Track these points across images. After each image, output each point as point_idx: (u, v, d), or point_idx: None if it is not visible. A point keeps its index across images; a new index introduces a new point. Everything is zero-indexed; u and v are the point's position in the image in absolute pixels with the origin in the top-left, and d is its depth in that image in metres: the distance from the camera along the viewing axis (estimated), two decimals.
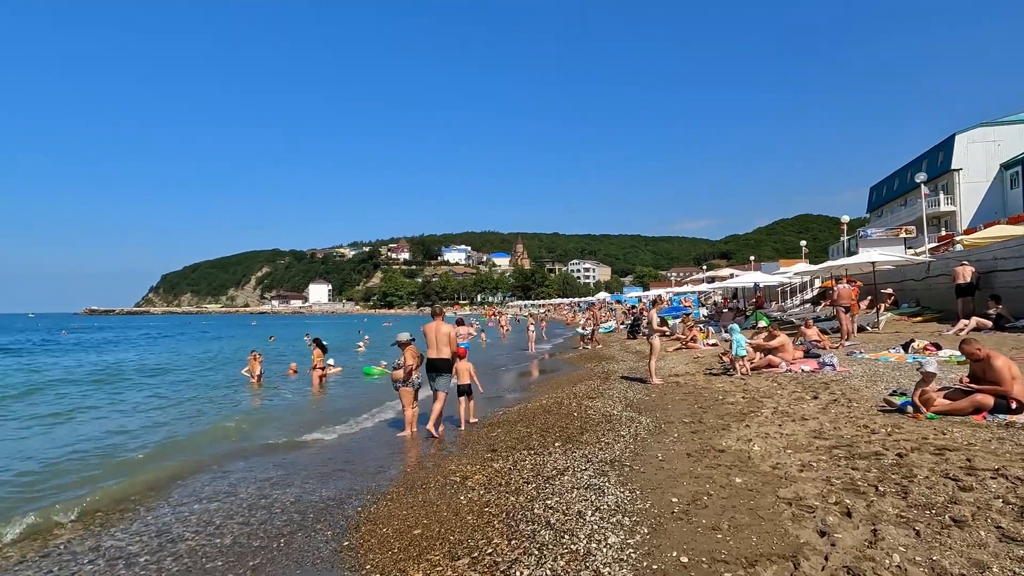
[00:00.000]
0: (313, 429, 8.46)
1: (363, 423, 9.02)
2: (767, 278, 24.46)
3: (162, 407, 11.30)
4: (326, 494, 5.39)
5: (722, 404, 7.60)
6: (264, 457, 7.01)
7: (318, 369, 12.43)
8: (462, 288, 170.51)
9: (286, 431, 8.48)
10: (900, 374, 8.41)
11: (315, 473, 6.18)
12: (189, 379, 15.80)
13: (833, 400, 6.92)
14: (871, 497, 3.68)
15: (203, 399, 11.87)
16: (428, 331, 8.01)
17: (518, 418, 8.13)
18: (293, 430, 8.47)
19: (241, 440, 8.19)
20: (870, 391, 7.34)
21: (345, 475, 6.03)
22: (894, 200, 52.51)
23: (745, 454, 5.11)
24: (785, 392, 7.88)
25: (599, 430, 6.83)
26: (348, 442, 7.76)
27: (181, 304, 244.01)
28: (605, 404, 8.64)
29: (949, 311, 17.06)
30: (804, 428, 5.75)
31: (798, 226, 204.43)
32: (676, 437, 6.06)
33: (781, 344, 11.25)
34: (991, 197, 40.61)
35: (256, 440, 8.08)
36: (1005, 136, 40.56)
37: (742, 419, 6.54)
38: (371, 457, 6.80)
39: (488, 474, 5.35)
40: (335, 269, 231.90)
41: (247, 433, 8.64)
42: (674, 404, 8.05)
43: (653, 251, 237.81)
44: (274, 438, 8.07)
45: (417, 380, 7.92)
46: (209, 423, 9.55)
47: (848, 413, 6.15)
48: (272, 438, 8.08)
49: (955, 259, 17.06)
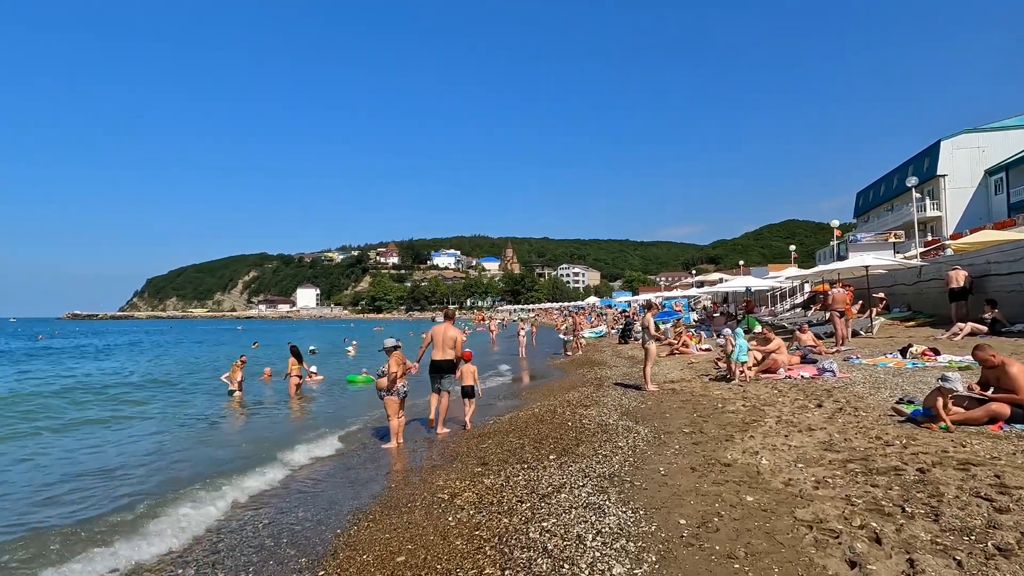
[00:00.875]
0: (291, 442, 8.00)
1: (345, 433, 8.58)
2: (759, 282, 24.34)
3: (127, 428, 9.75)
4: (302, 515, 4.98)
5: (722, 413, 7.28)
6: (237, 474, 6.56)
7: (294, 377, 11.96)
8: (451, 292, 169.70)
9: (263, 444, 8.02)
10: (903, 380, 8.16)
11: (292, 490, 5.77)
12: (162, 392, 14.63)
13: (838, 408, 6.63)
14: (899, 520, 3.36)
15: (175, 419, 10.55)
16: (436, 333, 8.30)
17: (510, 428, 7.76)
18: (270, 444, 8.00)
19: (215, 455, 7.72)
20: (875, 399, 7.07)
21: (324, 492, 5.62)
22: (880, 205, 52.99)
23: (753, 468, 4.78)
24: (787, 400, 7.59)
25: (595, 441, 6.48)
26: (329, 455, 7.34)
27: (166, 308, 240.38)
28: (600, 412, 8.30)
29: (941, 315, 16.98)
30: (812, 439, 5.44)
31: (785, 231, 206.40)
32: (677, 449, 5.72)
33: (778, 347, 11.00)
34: (976, 202, 41.04)
35: (230, 455, 7.62)
36: (989, 142, 41.05)
37: (745, 429, 6.22)
38: (353, 471, 6.39)
39: (479, 491, 4.97)
40: (323, 273, 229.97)
41: (221, 447, 8.17)
42: (672, 412, 7.73)
43: (642, 256, 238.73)
44: (250, 453, 7.62)
45: (403, 389, 7.52)
46: (181, 449, 8.95)
47: (857, 423, 5.86)
48: (247, 453, 7.63)
49: (947, 263, 17.00)
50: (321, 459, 7.06)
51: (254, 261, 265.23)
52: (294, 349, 12.34)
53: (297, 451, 7.30)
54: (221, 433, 9.39)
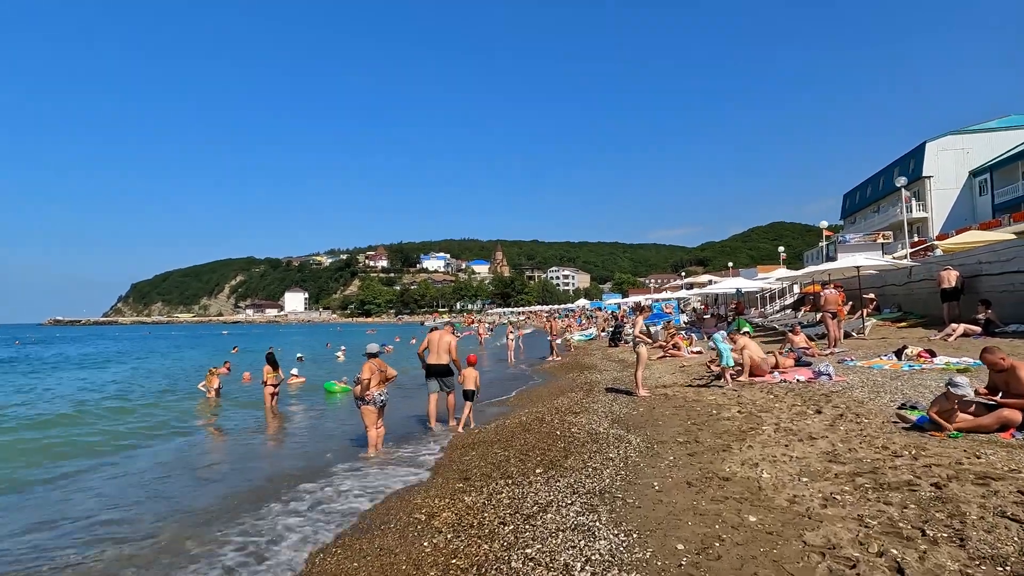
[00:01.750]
0: (261, 456, 7.56)
1: (319, 443, 8.14)
2: (749, 283, 24.18)
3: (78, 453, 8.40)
4: (265, 537, 4.56)
5: (717, 420, 6.95)
6: (202, 484, 6.12)
7: (269, 386, 11.48)
8: (441, 296, 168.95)
9: (230, 458, 7.56)
10: (902, 384, 7.88)
11: (260, 508, 5.33)
12: (126, 409, 12.86)
13: (839, 415, 6.32)
14: (920, 545, 3.02)
15: (135, 434, 9.68)
16: (432, 339, 8.78)
17: (495, 437, 7.37)
18: (237, 458, 7.54)
19: (180, 470, 7.25)
20: (876, 404, 6.77)
21: (293, 509, 5.19)
22: (867, 207, 53.35)
23: (754, 483, 4.44)
24: (784, 405, 7.28)
25: (584, 452, 6.11)
26: (300, 466, 6.89)
27: (151, 314, 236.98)
28: (590, 420, 7.94)
29: (932, 316, 16.84)
30: (815, 449, 5.11)
31: (772, 233, 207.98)
32: (672, 461, 5.37)
33: (743, 345, 10.59)
34: (961, 203, 41.38)
35: (196, 467, 7.16)
36: (973, 144, 41.44)
37: (742, 438, 5.89)
38: (332, 484, 5.95)
39: (458, 511, 4.58)
40: (312, 277, 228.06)
41: (188, 463, 7.70)
42: (665, 420, 7.39)
43: (631, 258, 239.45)
44: (217, 465, 7.17)
45: (380, 398, 7.11)
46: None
47: (860, 431, 5.54)
48: (215, 464, 7.18)
49: (938, 264, 16.89)
50: (289, 471, 6.60)
51: (241, 265, 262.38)
52: (270, 356, 11.85)
53: (265, 463, 6.85)
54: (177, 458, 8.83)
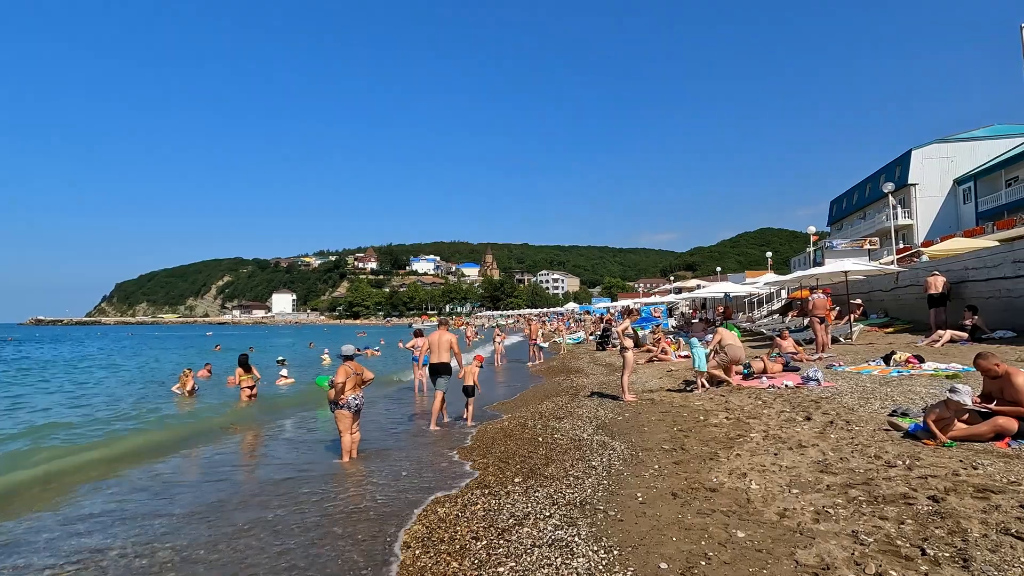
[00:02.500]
0: (228, 461, 7.22)
1: (294, 448, 7.79)
2: (737, 288, 24.12)
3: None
4: (220, 557, 4.24)
5: (704, 426, 6.74)
6: (159, 498, 5.77)
7: (245, 389, 11.13)
8: (430, 298, 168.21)
9: (195, 464, 7.20)
10: (891, 390, 7.72)
11: (215, 524, 5.00)
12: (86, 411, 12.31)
13: (829, 422, 6.12)
14: (921, 566, 2.80)
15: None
16: (432, 339, 9.04)
17: (475, 444, 7.10)
18: (203, 466, 7.19)
19: (130, 475, 6.88)
20: (866, 411, 6.59)
21: (255, 523, 4.87)
22: (853, 213, 53.78)
23: (742, 494, 4.21)
24: (772, 412, 7.08)
25: (567, 459, 5.86)
26: (270, 474, 6.55)
27: (136, 314, 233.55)
28: (574, 426, 7.70)
29: (919, 322, 16.85)
30: (805, 458, 4.90)
31: (760, 239, 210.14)
32: (657, 470, 5.14)
33: (719, 339, 10.35)
34: (945, 211, 41.83)
35: (146, 477, 6.80)
36: (958, 152, 41.93)
37: (730, 446, 5.67)
38: (293, 496, 5.63)
39: (429, 524, 4.30)
40: (300, 278, 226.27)
41: (140, 465, 7.33)
42: (650, 426, 7.16)
43: (620, 262, 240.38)
44: (177, 475, 6.81)
45: (355, 402, 6.80)
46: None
47: (851, 439, 5.35)
48: (174, 474, 6.82)
49: (924, 270, 16.90)
50: (259, 479, 6.27)
51: (228, 266, 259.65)
52: (242, 359, 11.49)
53: (230, 470, 6.50)
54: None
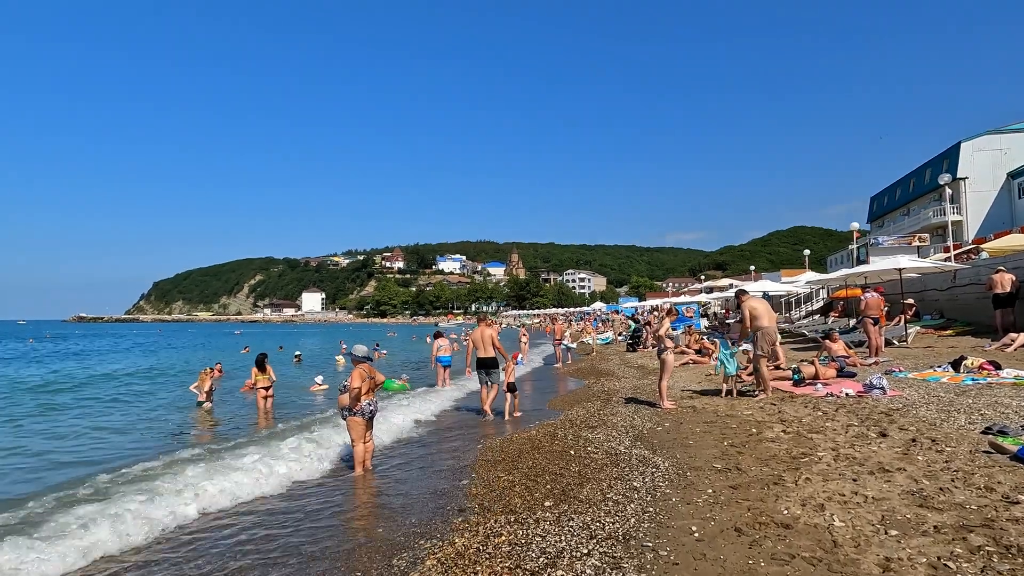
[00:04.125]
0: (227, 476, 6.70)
1: (309, 460, 7.23)
2: (777, 287, 22.93)
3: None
4: None
5: (759, 441, 5.93)
6: (151, 516, 5.27)
7: (261, 390, 10.69)
8: (456, 297, 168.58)
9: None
10: (974, 402, 6.77)
11: (209, 553, 4.45)
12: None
13: (910, 440, 5.26)
14: None
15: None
16: (475, 335, 9.61)
17: (500, 456, 6.43)
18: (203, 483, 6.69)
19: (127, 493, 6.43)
20: (951, 426, 5.69)
21: (245, 551, 4.30)
22: (896, 210, 51.33)
23: (825, 534, 3.44)
24: (837, 425, 6.22)
25: (603, 478, 5.15)
26: (277, 490, 6.00)
27: (172, 312, 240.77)
28: (608, 436, 6.97)
29: (980, 324, 15.54)
30: (894, 487, 4.09)
31: (792, 238, 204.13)
32: (711, 495, 4.38)
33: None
34: (998, 206, 39.46)
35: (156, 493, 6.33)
36: (1012, 144, 39.47)
37: (795, 467, 4.87)
38: (294, 518, 5.06)
39: (445, 559, 3.65)
40: (329, 277, 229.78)
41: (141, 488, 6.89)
42: (696, 439, 6.38)
43: (648, 262, 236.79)
44: (185, 488, 6.32)
45: (369, 408, 6.22)
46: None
47: (946, 463, 4.50)
48: (181, 487, 6.34)
49: (987, 267, 15.56)
50: (263, 497, 5.72)
51: (260, 265, 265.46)
52: (258, 358, 11.05)
53: (236, 488, 5.97)
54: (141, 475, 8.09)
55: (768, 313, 8.64)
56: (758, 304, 8.75)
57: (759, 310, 8.57)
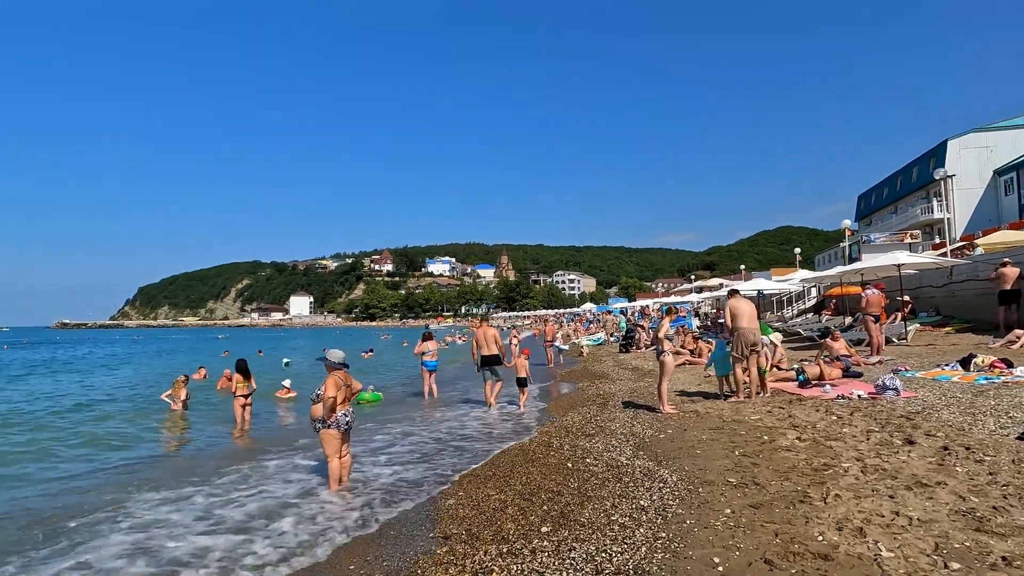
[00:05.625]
0: (191, 494, 6.09)
1: (275, 474, 6.61)
2: (771, 285, 22.60)
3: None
4: None
5: (774, 450, 5.43)
6: (113, 533, 4.65)
7: (239, 398, 10.04)
8: (446, 300, 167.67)
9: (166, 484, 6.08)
10: (996, 403, 6.33)
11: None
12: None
13: (942, 448, 4.79)
14: None
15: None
16: (479, 334, 10.50)
17: (491, 471, 5.86)
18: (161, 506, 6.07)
19: (94, 502, 5.78)
20: (982, 431, 5.24)
21: None
22: (884, 208, 51.55)
23: (873, 567, 2.93)
24: (856, 431, 5.74)
25: (606, 496, 4.62)
26: (231, 512, 5.39)
27: (158, 317, 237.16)
28: (608, 445, 6.45)
29: (979, 320, 15.26)
30: (939, 505, 3.60)
31: (779, 237, 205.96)
32: (731, 516, 3.86)
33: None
34: (985, 204, 39.71)
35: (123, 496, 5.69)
36: (998, 141, 39.75)
37: (819, 480, 4.37)
38: (260, 542, 4.47)
39: None
40: (317, 281, 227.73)
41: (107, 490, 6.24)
42: (703, 447, 5.87)
43: (637, 262, 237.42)
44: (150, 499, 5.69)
45: (344, 419, 5.63)
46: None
47: (989, 475, 4.03)
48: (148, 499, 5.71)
49: (985, 262, 15.29)
50: (222, 520, 5.10)
51: (247, 269, 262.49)
52: (240, 364, 10.40)
53: (194, 505, 5.36)
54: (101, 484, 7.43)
55: (749, 315, 8.44)
56: (740, 304, 8.56)
57: (739, 310, 8.41)
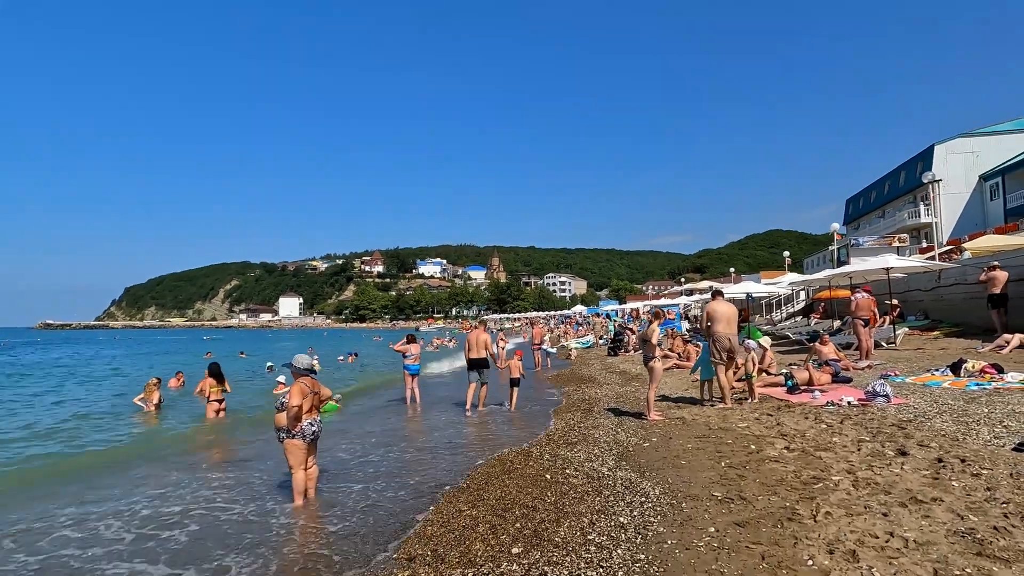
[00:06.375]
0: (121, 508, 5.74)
1: (242, 487, 6.28)
2: (760, 288, 22.48)
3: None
4: None
5: (761, 461, 5.18)
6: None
7: (213, 403, 9.70)
8: (436, 302, 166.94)
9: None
10: (989, 410, 6.14)
11: None
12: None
13: (936, 460, 4.56)
14: None
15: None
16: (471, 337, 10.39)
17: (465, 483, 5.55)
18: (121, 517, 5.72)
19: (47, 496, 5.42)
20: (976, 441, 5.02)
21: None
22: (872, 212, 51.91)
23: None
24: (846, 440, 5.52)
25: (584, 512, 4.34)
26: (173, 533, 5.07)
27: (144, 318, 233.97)
28: (590, 455, 6.18)
29: (967, 324, 15.20)
30: (937, 525, 3.36)
31: (768, 241, 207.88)
32: (715, 535, 3.60)
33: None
34: (971, 208, 40.09)
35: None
36: (983, 147, 40.14)
37: (809, 495, 4.13)
38: (215, 558, 4.14)
39: None
40: (307, 282, 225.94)
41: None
42: (688, 458, 5.62)
43: (628, 265, 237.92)
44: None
45: (311, 429, 5.31)
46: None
47: (987, 490, 3.80)
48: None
49: (974, 266, 15.24)
50: (174, 540, 4.77)
51: (236, 270, 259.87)
52: (213, 368, 10.07)
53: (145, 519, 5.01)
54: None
55: (726, 318, 8.28)
56: (718, 307, 8.39)
57: (716, 313, 8.27)
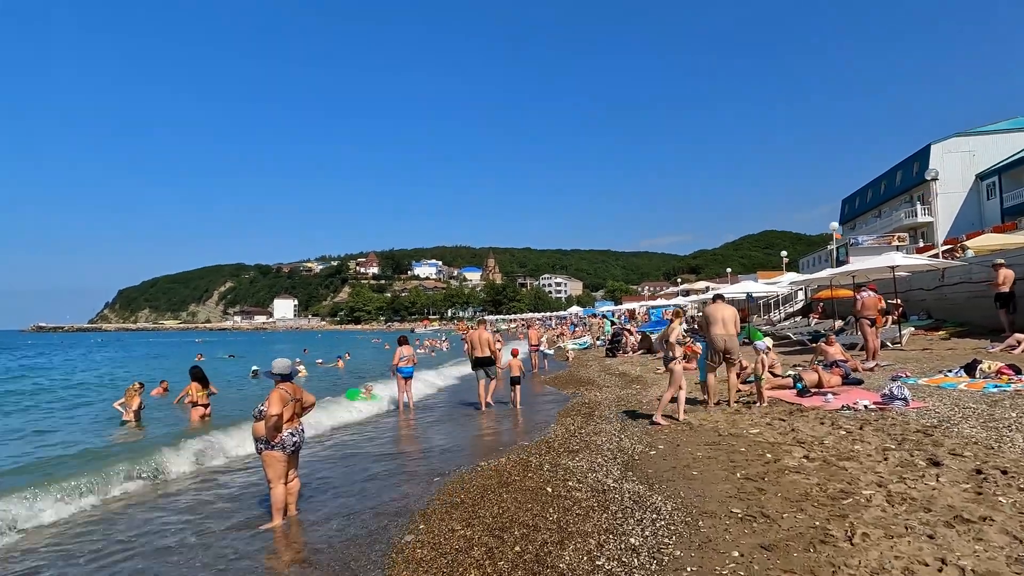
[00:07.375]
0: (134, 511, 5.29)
1: (220, 503, 5.83)
2: (760, 288, 22.16)
3: None
4: None
5: (780, 472, 4.79)
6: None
7: (199, 407, 9.26)
8: (432, 303, 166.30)
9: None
10: (1020, 415, 5.77)
11: None
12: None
13: (976, 472, 4.18)
14: None
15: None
16: (473, 337, 10.63)
17: (460, 496, 5.13)
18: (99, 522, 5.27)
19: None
20: (1014, 450, 4.64)
21: None
22: (868, 212, 51.83)
23: None
24: (870, 448, 5.13)
25: (590, 531, 3.93)
26: (159, 544, 4.63)
27: (138, 320, 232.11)
28: (593, 464, 5.77)
29: (972, 324, 14.91)
30: (993, 550, 2.97)
31: (763, 241, 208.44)
32: (740, 562, 3.20)
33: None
34: (968, 207, 40.04)
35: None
36: (980, 146, 40.10)
37: (839, 512, 3.73)
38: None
39: None
40: (302, 284, 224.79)
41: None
42: (700, 468, 5.21)
43: (623, 266, 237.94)
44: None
45: (292, 440, 4.88)
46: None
47: None
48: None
49: (979, 265, 14.95)
50: (140, 558, 4.33)
51: (230, 271, 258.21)
52: (196, 372, 9.62)
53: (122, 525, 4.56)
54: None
55: (721, 321, 8.06)
56: (714, 310, 8.22)
57: (713, 316, 8.11)
